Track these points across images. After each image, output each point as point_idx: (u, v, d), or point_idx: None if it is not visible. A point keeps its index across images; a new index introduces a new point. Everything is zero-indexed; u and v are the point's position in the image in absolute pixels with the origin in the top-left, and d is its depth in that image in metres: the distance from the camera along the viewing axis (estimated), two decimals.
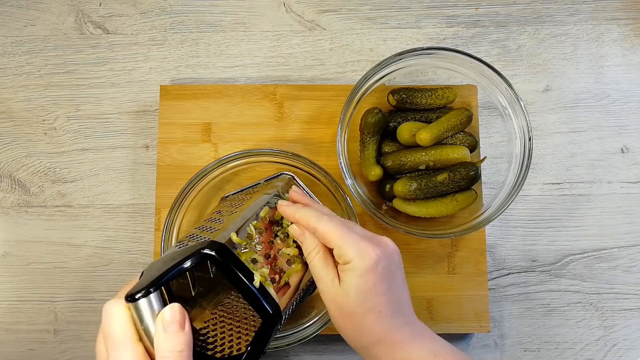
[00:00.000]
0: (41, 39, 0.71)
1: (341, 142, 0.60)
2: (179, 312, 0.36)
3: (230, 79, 0.70)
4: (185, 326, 0.36)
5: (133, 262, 0.66)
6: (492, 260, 0.67)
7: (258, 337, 0.40)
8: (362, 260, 0.43)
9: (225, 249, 0.41)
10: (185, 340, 0.36)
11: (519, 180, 0.60)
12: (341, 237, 0.44)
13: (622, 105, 0.71)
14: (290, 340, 0.56)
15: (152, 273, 0.39)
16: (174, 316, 0.36)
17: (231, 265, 0.40)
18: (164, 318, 0.36)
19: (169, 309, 0.36)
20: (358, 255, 0.43)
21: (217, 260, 0.40)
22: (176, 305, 0.37)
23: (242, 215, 0.47)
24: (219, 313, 0.49)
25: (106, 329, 0.36)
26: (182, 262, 0.38)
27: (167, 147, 0.66)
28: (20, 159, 0.68)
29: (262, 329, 0.41)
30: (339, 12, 0.72)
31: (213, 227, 0.48)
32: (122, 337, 0.36)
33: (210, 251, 0.40)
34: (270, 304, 0.41)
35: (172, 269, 0.38)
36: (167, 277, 0.37)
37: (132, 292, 0.36)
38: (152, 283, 0.36)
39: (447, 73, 0.67)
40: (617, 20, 0.73)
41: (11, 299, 0.65)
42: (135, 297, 0.36)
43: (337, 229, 0.44)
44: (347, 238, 0.43)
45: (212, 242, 0.41)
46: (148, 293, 0.36)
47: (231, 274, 0.40)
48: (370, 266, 0.43)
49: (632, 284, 0.67)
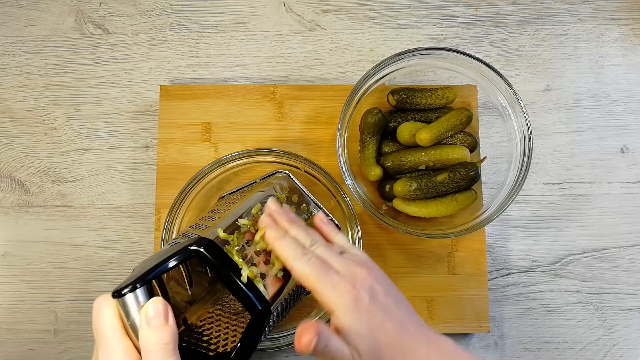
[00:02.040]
0: (41, 39, 0.71)
1: (341, 142, 0.60)
2: (162, 306, 0.37)
3: (230, 79, 0.70)
4: (169, 319, 0.37)
5: (133, 262, 0.66)
6: (492, 260, 0.67)
7: (247, 334, 0.40)
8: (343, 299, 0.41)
9: (213, 245, 0.41)
10: (170, 333, 0.36)
11: (519, 180, 0.60)
12: (316, 282, 0.42)
13: (622, 105, 0.71)
14: (290, 340, 0.57)
15: (141, 269, 0.39)
16: (157, 310, 0.37)
17: (217, 260, 0.40)
18: (147, 312, 0.36)
19: (152, 303, 0.37)
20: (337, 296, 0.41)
21: (203, 255, 0.40)
22: (159, 299, 0.37)
23: (233, 212, 0.47)
24: (216, 312, 0.49)
25: (95, 324, 0.37)
26: (168, 258, 0.39)
27: (167, 147, 0.66)
28: (20, 159, 0.68)
29: (251, 325, 0.41)
30: (339, 12, 0.72)
31: (205, 224, 0.48)
32: (110, 331, 0.37)
33: (198, 247, 0.40)
34: (259, 300, 0.41)
35: (158, 265, 0.38)
36: (154, 273, 0.38)
37: (119, 288, 0.37)
38: (138, 279, 0.37)
39: (447, 73, 0.67)
40: (617, 20, 0.73)
41: (11, 299, 0.65)
42: (121, 293, 0.36)
43: (312, 275, 0.42)
44: (322, 285, 0.41)
45: (200, 239, 0.41)
46: (134, 288, 0.37)
47: (218, 270, 0.40)
48: (352, 304, 0.41)
49: (632, 284, 0.67)
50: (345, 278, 0.42)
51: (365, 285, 0.42)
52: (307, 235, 0.46)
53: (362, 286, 0.42)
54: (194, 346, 0.43)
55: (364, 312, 0.41)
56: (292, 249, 0.44)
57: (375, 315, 0.41)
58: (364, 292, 0.42)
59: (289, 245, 0.44)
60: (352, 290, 0.41)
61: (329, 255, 0.44)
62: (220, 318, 0.48)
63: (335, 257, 0.44)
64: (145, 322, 0.36)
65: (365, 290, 0.42)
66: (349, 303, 0.41)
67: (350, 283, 0.42)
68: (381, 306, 0.42)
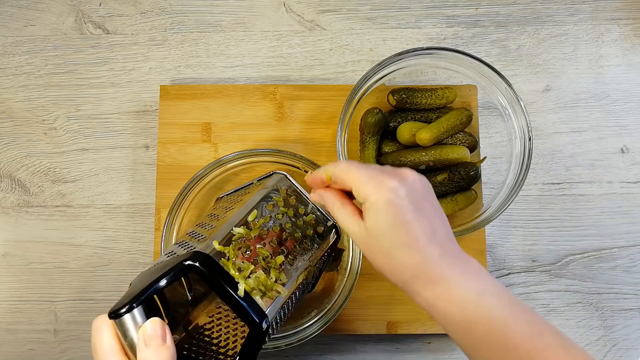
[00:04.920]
0: (41, 39, 0.71)
1: (341, 142, 0.60)
2: (159, 326, 0.37)
3: (230, 79, 0.70)
4: (167, 339, 0.37)
5: (133, 262, 0.66)
6: (492, 260, 0.67)
7: (246, 346, 0.40)
8: (378, 194, 0.40)
9: (208, 259, 0.41)
10: (168, 354, 0.36)
11: (519, 180, 0.60)
12: (356, 175, 0.41)
13: (622, 105, 0.71)
14: (290, 340, 0.56)
15: (138, 285, 0.39)
16: (154, 331, 0.36)
17: (213, 275, 0.40)
18: (145, 333, 0.36)
19: (150, 323, 0.37)
20: (374, 190, 0.40)
21: (199, 271, 0.40)
22: (156, 320, 0.37)
23: (229, 221, 0.46)
24: (216, 315, 0.49)
25: (93, 344, 0.37)
26: (162, 277, 0.38)
27: (167, 147, 0.66)
28: (20, 159, 0.68)
29: (250, 337, 0.41)
30: (339, 12, 0.72)
31: (201, 233, 0.47)
32: (108, 352, 0.36)
33: (193, 262, 0.40)
34: (256, 313, 0.41)
35: (152, 284, 0.38)
36: (149, 293, 0.37)
37: (115, 309, 0.37)
38: (134, 298, 0.37)
39: (447, 73, 0.67)
40: (617, 20, 0.73)
41: (11, 299, 0.65)
42: (118, 314, 0.36)
43: (351, 169, 0.42)
44: (362, 175, 0.41)
45: (195, 253, 0.41)
46: (131, 309, 0.36)
47: (215, 284, 0.40)
48: (388, 199, 0.40)
49: (632, 284, 0.67)
50: (386, 173, 0.42)
51: (405, 182, 0.41)
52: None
53: (401, 182, 0.41)
54: (194, 354, 0.43)
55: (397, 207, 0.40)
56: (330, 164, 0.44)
57: (405, 214, 0.40)
58: (402, 187, 0.41)
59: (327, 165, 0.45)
60: (392, 181, 0.41)
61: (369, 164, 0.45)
62: (220, 322, 0.47)
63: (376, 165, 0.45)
64: (143, 342, 0.36)
65: (404, 186, 0.41)
66: (385, 196, 0.40)
67: (391, 176, 0.41)
68: (413, 206, 0.41)
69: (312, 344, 0.65)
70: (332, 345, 0.65)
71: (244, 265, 0.43)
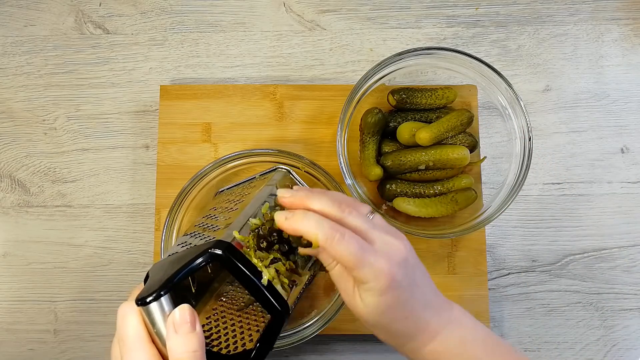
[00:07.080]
0: (41, 39, 0.71)
1: (341, 142, 0.60)
2: (189, 313, 0.37)
3: (230, 79, 0.70)
4: (197, 326, 0.37)
5: (133, 262, 0.66)
6: (492, 260, 0.67)
7: (267, 334, 0.40)
8: (378, 281, 0.41)
9: (233, 248, 0.40)
10: (198, 341, 0.36)
11: (519, 180, 0.60)
12: (355, 259, 0.41)
13: (622, 105, 0.71)
14: (290, 340, 0.56)
15: (159, 274, 0.39)
16: (184, 317, 0.36)
17: (240, 264, 0.40)
18: (175, 320, 0.36)
19: (179, 310, 0.36)
20: (374, 277, 0.41)
21: (226, 259, 0.39)
22: (186, 306, 0.37)
23: (243, 213, 0.46)
24: (219, 308, 0.49)
25: (120, 331, 0.37)
26: (191, 262, 0.38)
27: (167, 147, 0.66)
28: (20, 159, 0.68)
29: (271, 325, 0.41)
30: (339, 12, 0.72)
31: (214, 224, 0.47)
32: (135, 339, 0.36)
33: (219, 251, 0.39)
34: (278, 302, 0.41)
35: (181, 270, 0.38)
36: (178, 278, 0.37)
37: (143, 296, 0.36)
38: (162, 285, 0.36)
39: (447, 73, 0.67)
40: (617, 20, 0.73)
41: (11, 299, 0.65)
42: (146, 301, 0.36)
43: (349, 251, 0.40)
44: (361, 260, 0.41)
45: (219, 242, 0.40)
46: (159, 296, 0.36)
47: (240, 273, 0.40)
48: (387, 285, 0.41)
49: (632, 284, 0.67)
50: (383, 255, 0.41)
51: (402, 261, 0.42)
52: (332, 203, 0.42)
53: (399, 263, 0.42)
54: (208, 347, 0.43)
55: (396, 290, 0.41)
56: (322, 227, 0.41)
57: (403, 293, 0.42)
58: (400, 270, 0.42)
59: (317, 224, 0.41)
60: (391, 268, 0.41)
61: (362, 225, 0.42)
62: (224, 315, 0.47)
63: (369, 225, 0.43)
64: (173, 329, 0.36)
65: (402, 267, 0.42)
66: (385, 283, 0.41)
67: (389, 259, 0.41)
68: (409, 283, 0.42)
69: (312, 344, 0.65)
70: (332, 345, 0.65)
71: (263, 255, 0.43)
